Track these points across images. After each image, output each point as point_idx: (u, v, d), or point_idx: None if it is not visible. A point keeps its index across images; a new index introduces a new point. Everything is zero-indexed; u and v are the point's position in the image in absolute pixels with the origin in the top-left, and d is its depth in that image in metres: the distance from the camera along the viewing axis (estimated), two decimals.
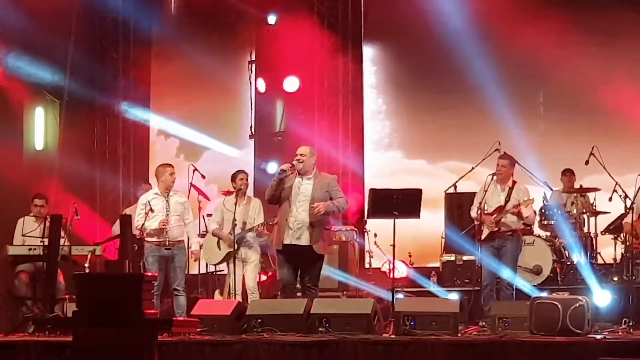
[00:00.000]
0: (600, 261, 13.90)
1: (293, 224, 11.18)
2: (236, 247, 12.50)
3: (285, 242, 11.19)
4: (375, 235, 14.23)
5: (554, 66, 15.04)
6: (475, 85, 15.76)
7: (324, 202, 11.11)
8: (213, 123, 17.05)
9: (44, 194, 13.27)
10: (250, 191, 13.28)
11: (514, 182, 12.22)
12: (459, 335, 10.48)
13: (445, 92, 16.09)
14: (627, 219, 12.26)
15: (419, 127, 16.45)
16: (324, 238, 11.29)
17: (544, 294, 11.08)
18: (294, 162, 11.24)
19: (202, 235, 13.34)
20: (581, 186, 14.04)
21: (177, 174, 12.42)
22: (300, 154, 11.30)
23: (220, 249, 12.78)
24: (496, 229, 12.00)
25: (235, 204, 12.49)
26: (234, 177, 12.78)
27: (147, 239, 12.14)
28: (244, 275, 12.62)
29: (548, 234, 13.86)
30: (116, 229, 13.74)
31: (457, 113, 15.98)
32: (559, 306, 10.10)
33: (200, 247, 12.88)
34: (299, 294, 11.54)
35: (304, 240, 11.16)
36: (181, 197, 12.45)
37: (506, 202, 12.06)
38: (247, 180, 12.78)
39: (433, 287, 13.85)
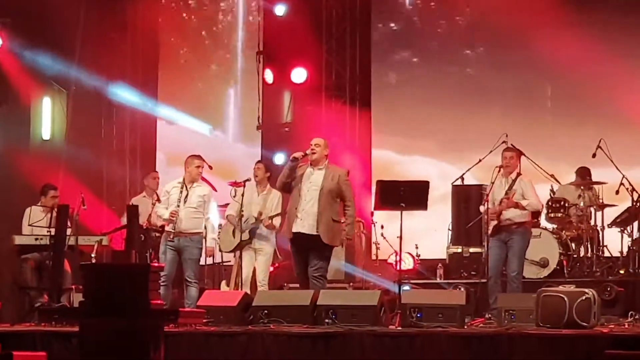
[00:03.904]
0: (606, 254, 13.88)
1: (301, 212, 11.23)
2: (249, 237, 12.52)
3: (293, 230, 11.25)
4: (382, 227, 14.22)
5: (562, 60, 14.98)
6: (483, 78, 15.76)
7: (348, 228, 11.29)
8: (220, 112, 17.09)
9: (56, 186, 13.23)
10: None
11: (518, 174, 12.18)
12: (465, 327, 10.49)
13: (453, 85, 16.08)
14: None
15: (427, 120, 16.41)
16: (333, 229, 11.29)
17: (551, 287, 11.07)
18: (308, 152, 11.31)
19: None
20: (589, 179, 14.02)
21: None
22: (315, 144, 11.39)
23: (234, 237, 12.78)
24: (497, 221, 11.99)
25: (258, 194, 12.62)
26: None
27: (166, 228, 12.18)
28: (254, 265, 12.63)
29: (555, 226, 13.84)
30: (125, 219, 13.74)
31: (464, 105, 15.98)
32: (566, 299, 10.09)
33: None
34: None
35: (311, 229, 11.19)
36: (203, 190, 12.30)
37: (507, 194, 12.05)
38: (262, 170, 12.80)
39: (439, 279, 13.86)
